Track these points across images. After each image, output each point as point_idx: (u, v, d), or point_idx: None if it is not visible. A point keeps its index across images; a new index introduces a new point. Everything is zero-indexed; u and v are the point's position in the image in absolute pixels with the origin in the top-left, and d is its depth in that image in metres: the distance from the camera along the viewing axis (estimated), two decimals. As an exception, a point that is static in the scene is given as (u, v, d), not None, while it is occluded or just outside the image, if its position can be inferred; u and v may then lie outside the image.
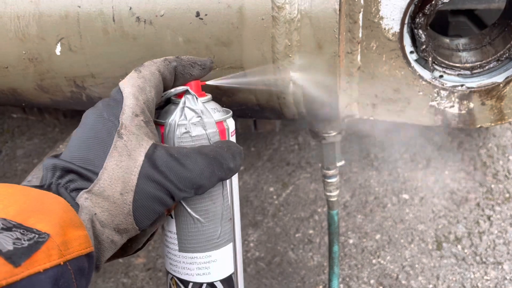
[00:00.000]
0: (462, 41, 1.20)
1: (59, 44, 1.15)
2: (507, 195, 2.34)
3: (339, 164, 1.45)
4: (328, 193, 1.53)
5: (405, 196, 2.42)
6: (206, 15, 1.01)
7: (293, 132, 2.94)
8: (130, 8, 1.05)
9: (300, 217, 2.34)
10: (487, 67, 1.11)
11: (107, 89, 1.20)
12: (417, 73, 1.12)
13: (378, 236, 2.21)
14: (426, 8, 1.03)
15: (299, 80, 1.04)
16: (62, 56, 1.16)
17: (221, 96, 1.12)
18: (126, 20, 1.07)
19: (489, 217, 2.24)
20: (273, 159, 2.74)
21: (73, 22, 1.11)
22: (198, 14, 1.02)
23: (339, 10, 0.96)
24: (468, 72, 1.13)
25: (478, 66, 1.12)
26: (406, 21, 1.06)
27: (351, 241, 2.21)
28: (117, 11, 1.07)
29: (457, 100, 1.13)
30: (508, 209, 2.26)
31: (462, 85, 1.12)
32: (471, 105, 1.13)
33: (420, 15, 1.05)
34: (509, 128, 2.78)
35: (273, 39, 0.99)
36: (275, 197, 2.49)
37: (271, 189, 2.54)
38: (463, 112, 1.14)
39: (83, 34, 1.11)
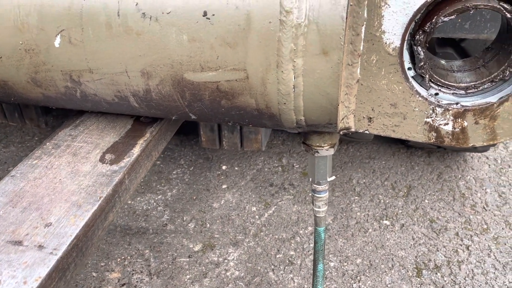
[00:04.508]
0: (456, 63, 1.24)
1: (59, 36, 1.13)
2: (485, 226, 2.38)
3: (330, 179, 1.46)
4: (316, 209, 1.52)
5: (386, 222, 2.42)
6: (213, 15, 1.02)
7: (277, 154, 2.94)
8: (137, 4, 1.05)
9: (282, 238, 2.31)
10: (481, 88, 1.15)
11: (104, 86, 1.18)
12: (414, 89, 1.14)
13: (359, 261, 2.20)
14: (427, 26, 1.06)
15: (301, 85, 1.04)
16: (60, 48, 1.14)
17: (220, 98, 1.12)
18: (132, 16, 1.06)
19: (467, 247, 2.27)
20: (256, 179, 2.73)
21: (76, 14, 1.10)
22: (205, 14, 1.02)
23: (346, 18, 0.98)
24: (463, 92, 1.16)
25: (473, 86, 1.15)
26: (406, 37, 1.09)
27: (332, 264, 2.18)
28: (122, 6, 1.06)
29: (451, 118, 1.16)
30: (486, 240, 2.29)
31: (457, 103, 1.14)
32: (465, 123, 1.15)
33: (420, 32, 1.08)
34: (487, 162, 2.86)
35: (279, 42, 1.00)
36: (257, 216, 2.46)
37: (254, 208, 2.51)
38: (457, 130, 1.17)
39: (85, 27, 1.10)
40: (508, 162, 2.84)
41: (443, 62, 1.24)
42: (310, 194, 2.52)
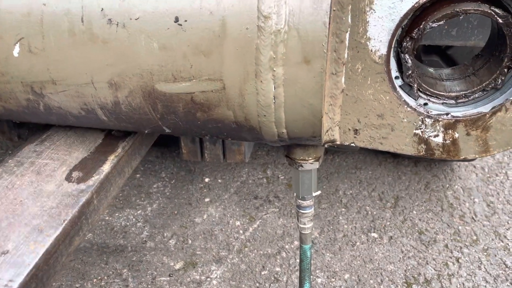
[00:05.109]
0: (445, 71, 1.18)
1: (17, 45, 1.04)
2: (475, 237, 2.33)
3: (315, 194, 1.38)
4: (301, 225, 1.44)
5: (374, 234, 2.36)
6: (185, 21, 0.94)
7: (262, 165, 2.86)
8: (102, 9, 0.97)
9: (267, 254, 2.22)
10: (472, 97, 1.09)
11: (69, 98, 1.09)
12: (402, 99, 1.08)
13: (347, 276, 2.12)
14: (414, 32, 1.00)
15: (282, 96, 0.97)
16: (20, 58, 1.05)
17: (196, 111, 1.04)
18: (97, 22, 0.98)
19: (457, 259, 2.21)
20: (240, 192, 2.64)
21: (36, 21, 1.01)
22: (177, 20, 0.94)
23: (329, 24, 0.91)
24: (453, 101, 1.10)
25: (463, 95, 1.09)
26: (393, 45, 1.03)
27: (319, 280, 2.10)
28: (86, 12, 0.98)
29: (442, 129, 1.09)
30: (476, 252, 2.24)
31: (447, 114, 1.08)
32: (456, 135, 1.09)
33: (408, 39, 1.01)
34: (474, 171, 2.82)
35: (257, 50, 0.92)
36: (241, 231, 2.36)
37: (238, 223, 2.42)
38: (447, 142, 1.10)
39: (46, 34, 1.01)
40: (496, 171, 2.81)
41: (431, 70, 1.18)
42: (295, 209, 2.45)
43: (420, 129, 1.10)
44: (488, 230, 2.37)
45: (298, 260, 2.19)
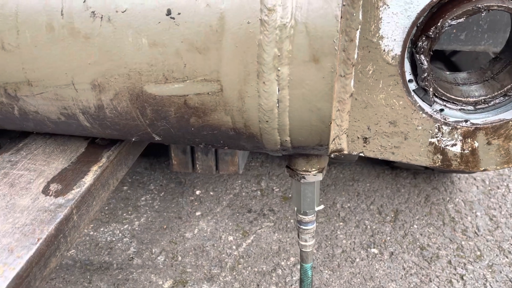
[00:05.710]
0: (460, 75, 1.09)
1: (-11, 41, 0.92)
2: (478, 253, 2.23)
3: (318, 208, 1.27)
4: (302, 243, 1.33)
5: (374, 250, 2.25)
6: (179, 14, 0.83)
7: (255, 177, 2.75)
8: (84, 1, 0.86)
9: (262, 271, 2.10)
10: (492, 103, 0.99)
11: (47, 102, 0.97)
12: (417, 104, 0.98)
13: (346, 295, 2.01)
14: (431, 30, 0.91)
15: (286, 100, 0.86)
16: (-9, 55, 0.94)
17: (189, 116, 0.93)
18: (78, 15, 0.87)
19: (462, 276, 2.11)
20: (233, 205, 2.52)
21: (10, 14, 0.89)
22: (169, 13, 0.84)
23: (340, 18, 0.81)
24: (471, 108, 1.01)
25: (483, 101, 1.00)
26: (408, 44, 0.93)
27: (317, 299, 1.99)
28: (67, 4, 0.87)
29: (460, 137, 1.00)
30: (480, 268, 2.14)
31: (466, 121, 0.99)
32: (476, 144, 0.99)
33: (423, 38, 0.92)
34: (475, 183, 2.74)
35: (260, 47, 0.82)
36: (234, 247, 2.24)
37: (230, 238, 2.29)
38: (466, 152, 1.00)
39: (21, 29, 0.90)
40: (497, 183, 2.73)
41: (446, 73, 1.09)
42: (292, 221, 2.33)
43: (436, 137, 1.00)
44: (492, 245, 2.28)
45: (294, 278, 2.07)
